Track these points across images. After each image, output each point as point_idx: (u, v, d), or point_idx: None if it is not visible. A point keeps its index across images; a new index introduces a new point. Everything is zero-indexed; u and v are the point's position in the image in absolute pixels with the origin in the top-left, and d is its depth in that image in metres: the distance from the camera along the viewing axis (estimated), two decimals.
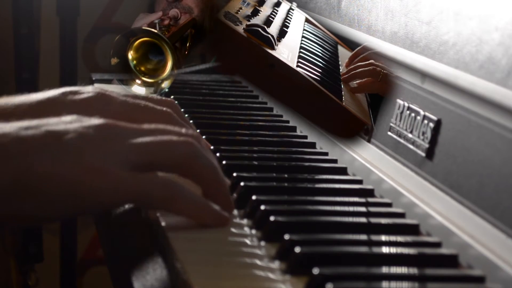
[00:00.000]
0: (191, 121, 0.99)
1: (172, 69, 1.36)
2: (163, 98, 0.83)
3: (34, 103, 0.73)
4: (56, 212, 0.66)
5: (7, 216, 0.65)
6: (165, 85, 1.33)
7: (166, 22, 1.85)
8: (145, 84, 1.35)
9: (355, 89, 1.12)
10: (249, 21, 1.19)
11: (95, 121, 0.69)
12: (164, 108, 0.79)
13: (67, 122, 0.68)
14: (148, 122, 0.73)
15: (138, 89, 1.35)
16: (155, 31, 1.42)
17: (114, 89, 1.34)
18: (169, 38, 1.42)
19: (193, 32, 1.87)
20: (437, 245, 0.72)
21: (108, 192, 0.66)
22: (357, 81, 1.13)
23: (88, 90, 0.77)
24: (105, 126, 0.68)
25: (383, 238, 0.72)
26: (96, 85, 1.32)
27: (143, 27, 1.65)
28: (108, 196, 0.66)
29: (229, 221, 0.73)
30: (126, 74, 1.36)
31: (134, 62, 1.36)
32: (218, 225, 0.72)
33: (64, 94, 0.75)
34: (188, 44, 1.85)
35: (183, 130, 0.73)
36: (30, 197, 0.64)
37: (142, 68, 1.38)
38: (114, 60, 1.35)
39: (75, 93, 0.76)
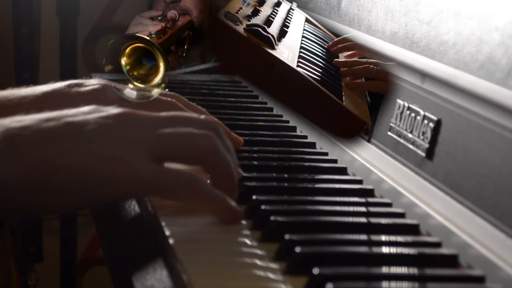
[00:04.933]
0: None
1: (164, 76, 1.36)
2: (167, 92, 0.83)
3: (39, 94, 0.73)
4: (75, 202, 0.66)
5: (30, 207, 0.65)
6: (155, 92, 1.34)
7: (161, 26, 1.84)
8: (137, 89, 1.35)
9: (348, 85, 1.12)
10: (249, 21, 1.19)
11: (114, 110, 0.68)
12: (169, 98, 0.79)
13: (86, 113, 0.67)
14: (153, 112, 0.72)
15: (130, 93, 1.35)
16: (146, 37, 1.42)
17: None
18: (165, 41, 1.42)
19: (190, 34, 1.86)
20: (437, 245, 0.72)
21: (127, 182, 0.66)
22: (352, 80, 1.13)
23: (93, 83, 0.77)
24: (124, 116, 0.68)
25: (383, 238, 0.72)
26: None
27: (136, 34, 1.65)
28: (127, 186, 0.66)
29: (241, 218, 0.73)
30: (122, 76, 1.36)
31: (127, 67, 1.37)
32: (233, 221, 0.72)
33: (70, 86, 0.75)
34: (185, 47, 1.84)
35: (202, 117, 0.73)
36: (52, 189, 0.64)
37: (135, 73, 1.38)
38: (107, 68, 1.35)
39: (80, 85, 0.76)
